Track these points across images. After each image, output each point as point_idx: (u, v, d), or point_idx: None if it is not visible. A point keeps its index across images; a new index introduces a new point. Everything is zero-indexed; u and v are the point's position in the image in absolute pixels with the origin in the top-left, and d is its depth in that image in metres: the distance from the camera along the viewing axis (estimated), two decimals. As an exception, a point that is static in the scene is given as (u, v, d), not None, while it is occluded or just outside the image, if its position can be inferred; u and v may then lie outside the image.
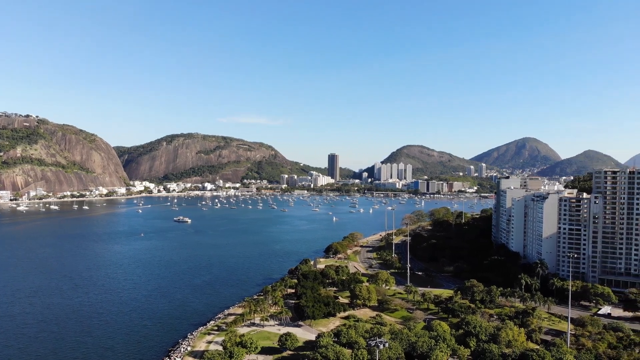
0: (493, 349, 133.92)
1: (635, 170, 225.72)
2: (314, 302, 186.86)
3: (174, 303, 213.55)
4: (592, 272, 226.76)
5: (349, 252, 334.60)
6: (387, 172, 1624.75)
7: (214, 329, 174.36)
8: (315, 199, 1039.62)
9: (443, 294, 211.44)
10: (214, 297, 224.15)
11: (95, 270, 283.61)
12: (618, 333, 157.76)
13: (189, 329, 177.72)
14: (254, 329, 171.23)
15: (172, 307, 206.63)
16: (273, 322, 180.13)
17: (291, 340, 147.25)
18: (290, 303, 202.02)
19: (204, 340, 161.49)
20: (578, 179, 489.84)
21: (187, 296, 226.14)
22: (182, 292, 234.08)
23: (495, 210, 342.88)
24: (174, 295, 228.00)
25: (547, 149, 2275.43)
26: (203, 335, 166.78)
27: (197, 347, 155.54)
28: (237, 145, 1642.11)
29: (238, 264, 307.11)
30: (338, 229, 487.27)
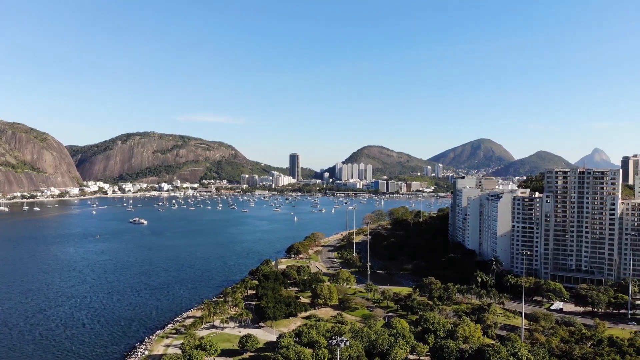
0: (451, 345, 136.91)
1: (584, 170, 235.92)
2: (275, 303, 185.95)
3: (131, 306, 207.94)
4: (544, 268, 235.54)
5: (310, 252, 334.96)
6: (348, 172, 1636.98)
7: (172, 332, 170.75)
8: (276, 199, 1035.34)
9: (402, 292, 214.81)
10: (172, 300, 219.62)
11: (49, 274, 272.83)
12: (570, 327, 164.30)
13: (146, 332, 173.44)
14: (213, 332, 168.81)
15: (128, 311, 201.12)
16: (233, 324, 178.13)
17: (252, 342, 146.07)
18: (251, 304, 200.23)
19: (161, 344, 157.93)
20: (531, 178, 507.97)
21: (144, 299, 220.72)
22: (139, 295, 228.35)
23: (452, 209, 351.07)
24: (130, 298, 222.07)
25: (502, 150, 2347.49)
26: (161, 339, 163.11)
27: (155, 350, 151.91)
28: (196, 144, 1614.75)
29: (197, 265, 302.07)
30: (300, 229, 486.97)
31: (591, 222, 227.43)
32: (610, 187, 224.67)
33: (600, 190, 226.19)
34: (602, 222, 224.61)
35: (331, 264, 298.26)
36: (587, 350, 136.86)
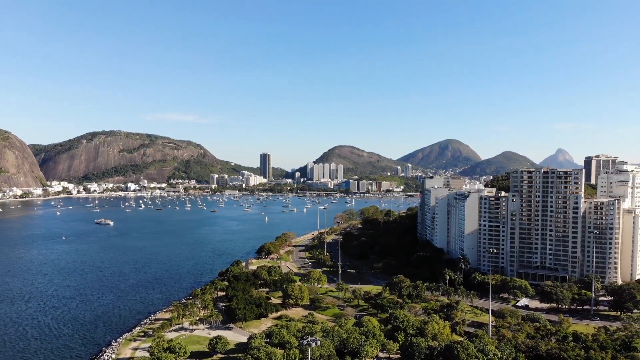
0: (420, 343, 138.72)
1: (549, 170, 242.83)
2: (246, 304, 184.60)
3: (97, 309, 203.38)
4: (510, 266, 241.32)
5: (281, 252, 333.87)
6: (319, 172, 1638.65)
7: (140, 335, 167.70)
8: (247, 199, 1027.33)
9: (373, 290, 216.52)
10: (140, 303, 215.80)
11: (11, 277, 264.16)
12: (535, 324, 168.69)
13: (113, 336, 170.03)
14: (182, 334, 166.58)
15: (95, 314, 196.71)
16: (203, 325, 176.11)
17: (222, 344, 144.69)
18: (221, 306, 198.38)
19: (129, 347, 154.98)
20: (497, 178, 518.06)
21: (111, 302, 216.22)
22: (106, 298, 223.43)
23: (421, 208, 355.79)
24: (97, 301, 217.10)
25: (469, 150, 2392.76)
26: (128, 342, 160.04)
27: (122, 354, 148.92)
28: (163, 143, 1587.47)
29: (165, 267, 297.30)
30: (271, 229, 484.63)
31: (555, 220, 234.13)
32: (573, 187, 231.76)
33: (564, 189, 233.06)
34: (566, 220, 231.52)
35: (302, 264, 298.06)
36: (552, 346, 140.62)
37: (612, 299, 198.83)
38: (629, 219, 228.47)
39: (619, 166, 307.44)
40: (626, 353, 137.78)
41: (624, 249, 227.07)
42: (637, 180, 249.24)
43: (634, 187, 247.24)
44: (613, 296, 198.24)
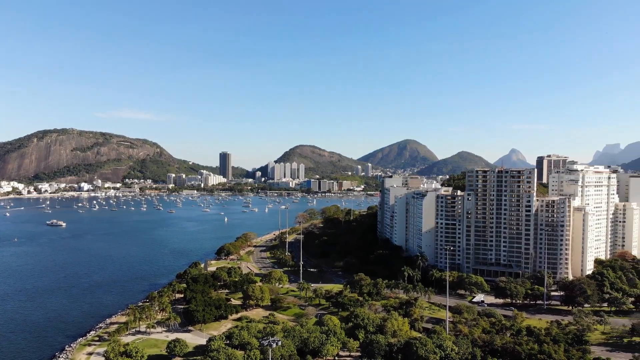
0: (380, 340, 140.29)
1: (503, 169, 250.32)
2: (205, 306, 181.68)
3: (50, 314, 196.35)
4: (466, 263, 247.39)
5: (242, 252, 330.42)
6: (280, 171, 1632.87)
7: (95, 339, 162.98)
8: (205, 199, 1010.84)
9: (334, 289, 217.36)
10: (95, 306, 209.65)
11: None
12: (491, 319, 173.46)
13: (66, 341, 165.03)
14: (139, 337, 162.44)
15: (47, 319, 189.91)
16: (161, 328, 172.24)
17: (180, 346, 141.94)
18: (179, 308, 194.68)
19: (83, 352, 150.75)
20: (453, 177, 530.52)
21: (64, 306, 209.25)
22: (59, 301, 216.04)
23: (380, 207, 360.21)
24: (49, 305, 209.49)
25: (426, 150, 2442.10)
26: (83, 347, 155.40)
27: (77, 359, 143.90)
28: (118, 142, 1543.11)
29: (121, 269, 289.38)
30: (230, 229, 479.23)
31: (509, 218, 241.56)
32: (526, 186, 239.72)
33: (517, 188, 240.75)
34: (519, 218, 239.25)
35: (263, 264, 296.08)
36: (507, 340, 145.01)
37: (563, 293, 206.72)
38: (579, 216, 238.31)
39: (569, 166, 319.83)
40: (578, 346, 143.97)
41: (575, 245, 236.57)
42: (587, 179, 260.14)
43: (584, 186, 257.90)
44: (564, 291, 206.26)
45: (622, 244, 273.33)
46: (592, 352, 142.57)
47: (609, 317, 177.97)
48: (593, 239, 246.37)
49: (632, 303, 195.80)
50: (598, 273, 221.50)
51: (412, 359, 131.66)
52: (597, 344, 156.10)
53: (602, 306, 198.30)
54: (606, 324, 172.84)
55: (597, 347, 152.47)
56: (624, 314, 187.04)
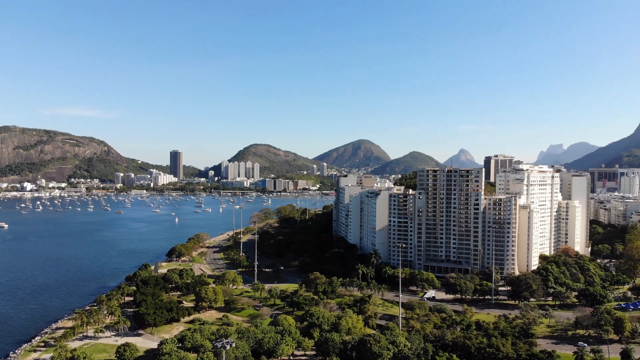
0: (335, 338, 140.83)
1: (452, 169, 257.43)
2: (155, 309, 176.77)
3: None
4: (418, 260, 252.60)
5: (194, 253, 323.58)
6: (234, 170, 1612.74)
7: (41, 345, 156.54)
8: (155, 199, 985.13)
9: (289, 289, 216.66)
10: (40, 311, 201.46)
11: None
12: (442, 314, 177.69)
13: (10, 347, 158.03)
14: (87, 342, 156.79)
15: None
16: (109, 333, 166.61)
17: (130, 351, 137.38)
18: (129, 312, 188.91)
19: (29, 358, 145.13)
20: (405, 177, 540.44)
21: (8, 311, 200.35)
22: (2, 306, 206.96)
23: (336, 206, 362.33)
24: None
25: (379, 150, 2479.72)
26: (28, 353, 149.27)
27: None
28: (63, 140, 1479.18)
29: (67, 272, 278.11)
30: (182, 230, 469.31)
31: (458, 216, 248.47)
32: (474, 185, 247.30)
33: (466, 187, 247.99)
34: (468, 216, 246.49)
35: (217, 266, 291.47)
36: (458, 335, 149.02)
37: (510, 288, 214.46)
38: (524, 214, 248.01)
39: (515, 165, 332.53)
40: (524, 340, 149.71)
41: (520, 242, 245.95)
42: (532, 178, 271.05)
43: (529, 184, 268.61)
44: (511, 286, 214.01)
45: (565, 240, 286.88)
46: (538, 344, 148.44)
47: (553, 311, 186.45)
48: (538, 235, 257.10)
49: (575, 297, 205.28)
50: (543, 268, 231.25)
51: (366, 356, 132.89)
52: (542, 337, 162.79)
53: (547, 300, 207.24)
54: (551, 317, 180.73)
55: (543, 340, 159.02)
56: (567, 308, 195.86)
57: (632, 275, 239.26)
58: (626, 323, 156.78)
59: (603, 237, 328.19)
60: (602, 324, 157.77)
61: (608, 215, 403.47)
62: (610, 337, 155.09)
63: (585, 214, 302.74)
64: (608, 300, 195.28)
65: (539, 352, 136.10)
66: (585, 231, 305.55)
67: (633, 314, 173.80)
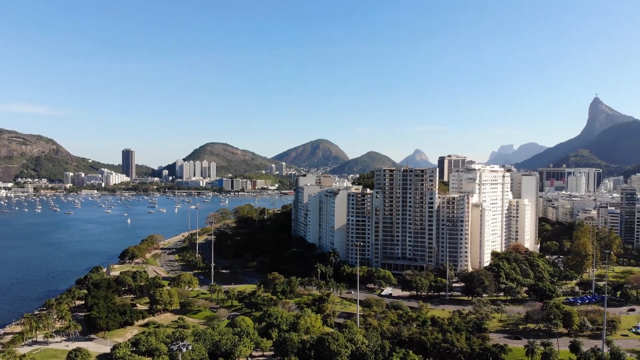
0: (293, 338, 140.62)
1: (407, 169, 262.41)
2: (108, 312, 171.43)
3: None
4: (375, 258, 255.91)
5: (148, 255, 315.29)
6: (190, 169, 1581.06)
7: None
8: (107, 200, 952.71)
9: (247, 289, 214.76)
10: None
11: None
12: (398, 311, 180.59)
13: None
14: (37, 348, 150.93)
15: None
16: (60, 338, 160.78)
17: (82, 356, 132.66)
18: (80, 316, 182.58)
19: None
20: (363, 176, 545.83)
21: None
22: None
23: (295, 205, 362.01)
24: None
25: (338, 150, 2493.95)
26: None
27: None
28: (9, 138, 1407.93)
29: (15, 276, 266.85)
30: (135, 231, 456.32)
31: (413, 214, 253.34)
32: (429, 184, 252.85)
33: (421, 186, 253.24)
34: (423, 214, 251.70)
35: (172, 267, 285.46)
36: (414, 331, 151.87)
37: (464, 285, 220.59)
38: (476, 212, 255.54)
39: (467, 165, 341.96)
40: (478, 334, 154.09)
41: (473, 239, 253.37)
42: (484, 177, 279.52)
43: (481, 184, 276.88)
44: (465, 282, 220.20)
45: (515, 237, 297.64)
46: (491, 339, 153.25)
47: (505, 306, 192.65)
48: (490, 233, 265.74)
49: (526, 292, 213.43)
50: (494, 265, 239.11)
51: (325, 355, 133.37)
52: (495, 332, 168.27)
53: (498, 296, 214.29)
54: (503, 312, 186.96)
55: (495, 334, 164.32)
56: (518, 303, 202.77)
57: (579, 271, 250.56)
58: (574, 317, 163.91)
59: (551, 234, 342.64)
60: (551, 318, 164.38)
61: (556, 213, 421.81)
62: (559, 331, 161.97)
63: (534, 212, 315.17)
64: (557, 295, 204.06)
65: (492, 347, 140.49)
66: (535, 228, 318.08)
67: (580, 308, 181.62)
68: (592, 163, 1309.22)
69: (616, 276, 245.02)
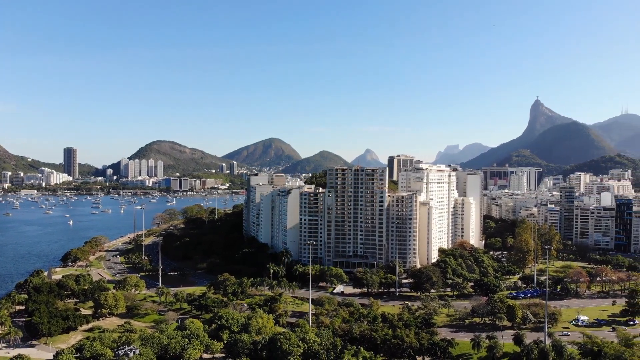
0: (245, 339, 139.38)
1: (359, 168, 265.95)
2: (50, 317, 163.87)
3: None
4: (327, 256, 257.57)
5: (92, 258, 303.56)
6: (135, 168, 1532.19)
7: None
8: (48, 200, 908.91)
9: (197, 291, 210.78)
10: None
11: None
12: (350, 308, 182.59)
13: None
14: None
15: None
16: (0, 344, 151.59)
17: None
18: (21, 321, 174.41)
19: None
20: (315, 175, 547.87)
21: None
22: None
23: (246, 205, 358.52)
24: None
25: (290, 149, 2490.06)
26: None
27: None
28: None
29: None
30: (78, 233, 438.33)
31: (364, 213, 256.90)
32: (379, 183, 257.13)
33: (372, 185, 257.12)
34: (373, 213, 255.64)
35: (117, 270, 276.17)
36: (365, 328, 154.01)
37: (412, 281, 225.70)
38: (424, 210, 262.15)
39: (415, 165, 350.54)
40: (426, 329, 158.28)
41: (421, 236, 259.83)
42: (431, 177, 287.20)
43: (428, 183, 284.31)
44: (413, 278, 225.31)
45: (461, 234, 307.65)
46: (439, 333, 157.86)
47: (452, 301, 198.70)
48: (437, 230, 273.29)
49: (472, 287, 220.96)
50: (442, 261, 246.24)
51: (277, 355, 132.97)
52: (442, 326, 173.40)
53: (446, 291, 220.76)
54: (450, 307, 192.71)
55: (443, 329, 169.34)
56: (465, 297, 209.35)
57: (521, 266, 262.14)
58: (517, 310, 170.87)
59: (495, 231, 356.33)
60: (496, 312, 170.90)
61: (499, 211, 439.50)
62: (503, 324, 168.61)
63: (479, 209, 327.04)
64: (501, 289, 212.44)
65: (440, 341, 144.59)
66: (479, 226, 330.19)
67: (523, 302, 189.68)
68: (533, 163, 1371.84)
69: (556, 271, 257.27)
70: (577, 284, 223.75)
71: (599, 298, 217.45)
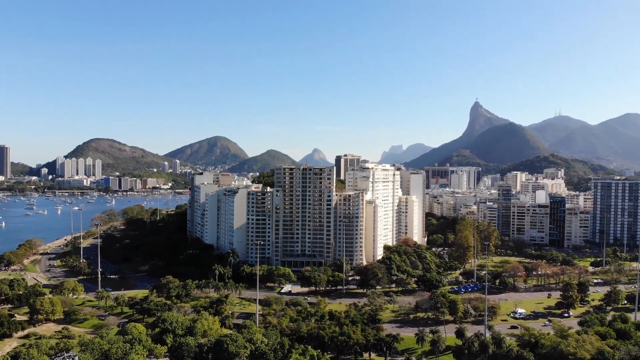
0: (190, 342, 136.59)
1: (307, 167, 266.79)
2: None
3: None
4: (275, 256, 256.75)
5: (26, 261, 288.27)
6: (72, 167, 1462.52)
7: None
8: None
9: (138, 295, 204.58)
10: None
11: None
12: (297, 307, 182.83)
13: None
14: None
15: None
16: None
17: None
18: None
19: None
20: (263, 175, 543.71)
21: None
22: None
23: (190, 205, 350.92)
24: None
25: (237, 148, 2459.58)
26: None
27: None
28: None
29: None
30: (11, 235, 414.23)
31: (312, 212, 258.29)
32: (327, 182, 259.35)
33: (319, 184, 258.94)
34: (321, 212, 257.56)
35: (53, 274, 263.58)
36: (312, 326, 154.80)
37: (359, 278, 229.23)
38: (370, 209, 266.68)
39: (362, 164, 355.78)
40: (372, 325, 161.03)
41: (367, 234, 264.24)
42: (376, 176, 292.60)
43: (374, 182, 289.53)
44: (360, 276, 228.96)
45: (405, 231, 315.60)
46: (385, 329, 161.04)
47: (397, 297, 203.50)
48: (382, 228, 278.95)
49: (415, 283, 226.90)
50: (387, 258, 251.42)
51: (223, 357, 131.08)
52: (388, 322, 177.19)
53: (391, 287, 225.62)
54: (395, 303, 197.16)
55: (389, 325, 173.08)
56: (409, 293, 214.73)
57: (462, 262, 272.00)
58: (459, 305, 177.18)
59: (437, 228, 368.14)
60: (438, 307, 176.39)
61: (441, 209, 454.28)
62: (446, 318, 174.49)
63: (421, 207, 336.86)
64: (443, 284, 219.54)
65: (386, 336, 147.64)
66: (422, 223, 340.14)
67: (464, 296, 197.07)
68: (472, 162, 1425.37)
69: (495, 266, 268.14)
70: (514, 278, 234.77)
71: (536, 291, 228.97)
